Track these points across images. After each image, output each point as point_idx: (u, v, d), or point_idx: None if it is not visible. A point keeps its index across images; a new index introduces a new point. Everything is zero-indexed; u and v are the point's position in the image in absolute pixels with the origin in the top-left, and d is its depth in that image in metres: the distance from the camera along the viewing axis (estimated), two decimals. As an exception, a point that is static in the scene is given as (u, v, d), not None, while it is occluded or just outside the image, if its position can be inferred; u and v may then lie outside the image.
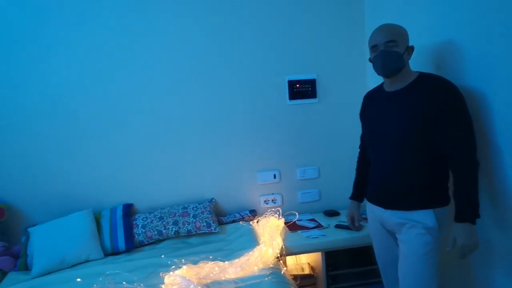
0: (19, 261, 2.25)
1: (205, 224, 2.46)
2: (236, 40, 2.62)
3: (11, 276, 2.17)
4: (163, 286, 1.86)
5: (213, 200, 2.70)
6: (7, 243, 2.37)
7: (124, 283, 1.78)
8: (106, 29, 2.48)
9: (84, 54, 2.48)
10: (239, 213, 2.71)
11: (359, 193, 2.03)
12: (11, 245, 2.40)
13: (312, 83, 2.72)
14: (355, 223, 2.05)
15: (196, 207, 2.55)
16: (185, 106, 2.62)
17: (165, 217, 2.47)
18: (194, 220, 2.46)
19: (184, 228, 2.44)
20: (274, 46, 2.66)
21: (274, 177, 2.76)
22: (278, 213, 2.61)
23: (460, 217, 1.54)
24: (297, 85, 2.71)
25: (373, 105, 1.82)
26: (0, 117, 2.42)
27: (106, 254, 2.31)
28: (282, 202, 2.80)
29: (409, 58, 1.69)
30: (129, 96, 2.55)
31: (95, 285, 1.82)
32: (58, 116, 2.49)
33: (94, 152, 2.54)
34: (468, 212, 1.54)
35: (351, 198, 2.06)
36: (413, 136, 1.61)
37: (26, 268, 2.23)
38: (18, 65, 2.41)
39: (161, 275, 1.94)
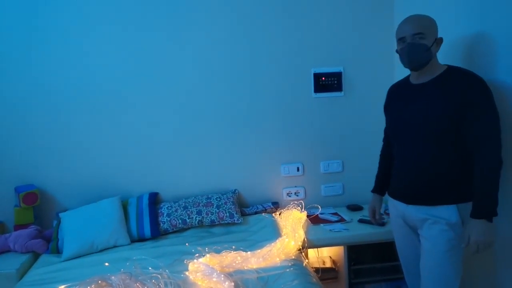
0: (51, 244, 2.34)
1: (228, 214, 2.49)
2: (261, 32, 2.61)
3: (44, 258, 2.27)
4: (187, 273, 1.91)
5: (236, 191, 2.73)
6: (39, 227, 2.47)
7: (150, 268, 1.83)
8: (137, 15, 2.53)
9: (115, 40, 2.53)
10: (261, 205, 2.73)
11: (381, 187, 2.01)
12: (43, 229, 2.50)
13: (338, 76, 2.69)
14: (375, 217, 2.04)
15: (219, 197, 2.59)
16: (211, 98, 2.64)
17: (189, 207, 2.52)
18: (217, 211, 2.50)
19: (208, 218, 2.48)
20: (300, 38, 2.64)
21: (298, 170, 2.76)
22: (300, 206, 2.61)
23: (476, 213, 1.51)
24: (323, 78, 2.69)
25: (399, 98, 1.79)
26: (32, 105, 2.51)
27: (133, 240, 2.37)
28: (305, 195, 2.80)
29: (437, 50, 1.65)
30: (157, 87, 2.59)
31: (122, 270, 1.88)
32: (91, 106, 2.56)
33: (123, 142, 2.61)
34: (485, 208, 1.50)
35: (373, 191, 2.04)
36: (439, 130, 1.59)
37: (57, 251, 2.31)
38: (51, 52, 2.49)
39: (185, 262, 1.99)
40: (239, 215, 2.52)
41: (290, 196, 2.78)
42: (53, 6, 2.45)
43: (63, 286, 1.84)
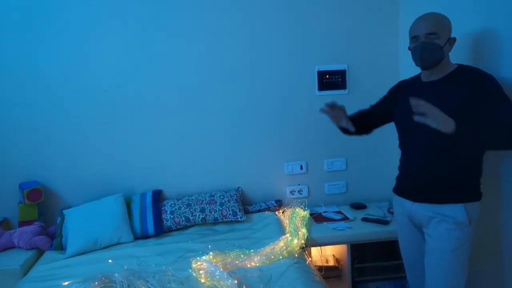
0: (55, 241, 2.35)
1: (231, 212, 2.49)
2: (265, 29, 2.60)
3: (48, 255, 2.28)
4: (190, 270, 1.91)
5: (240, 189, 2.72)
6: (44, 223, 2.48)
7: (153, 265, 1.84)
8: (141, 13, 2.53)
9: (119, 39, 2.53)
10: (265, 203, 2.73)
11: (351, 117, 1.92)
12: (47, 225, 2.52)
13: (342, 73, 2.68)
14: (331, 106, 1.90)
15: (223, 195, 2.58)
16: (214, 96, 2.64)
17: (192, 204, 2.52)
18: (220, 208, 2.50)
19: (211, 216, 2.48)
20: (304, 35, 2.63)
21: (301, 168, 2.76)
22: (304, 204, 2.61)
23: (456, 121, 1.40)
24: (327, 76, 2.68)
25: (409, 94, 1.77)
26: (37, 103, 2.52)
27: (136, 238, 2.38)
28: (308, 193, 2.79)
29: (450, 50, 1.64)
30: (160, 85, 2.60)
31: (125, 266, 1.89)
32: (96, 104, 2.56)
33: (126, 140, 2.62)
34: (463, 125, 1.40)
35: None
36: None
37: (61, 247, 2.32)
38: (56, 50, 2.49)
39: (189, 260, 1.99)
40: (242, 213, 2.52)
41: (293, 194, 2.78)
42: (63, 3, 2.45)
43: (67, 283, 1.84)
